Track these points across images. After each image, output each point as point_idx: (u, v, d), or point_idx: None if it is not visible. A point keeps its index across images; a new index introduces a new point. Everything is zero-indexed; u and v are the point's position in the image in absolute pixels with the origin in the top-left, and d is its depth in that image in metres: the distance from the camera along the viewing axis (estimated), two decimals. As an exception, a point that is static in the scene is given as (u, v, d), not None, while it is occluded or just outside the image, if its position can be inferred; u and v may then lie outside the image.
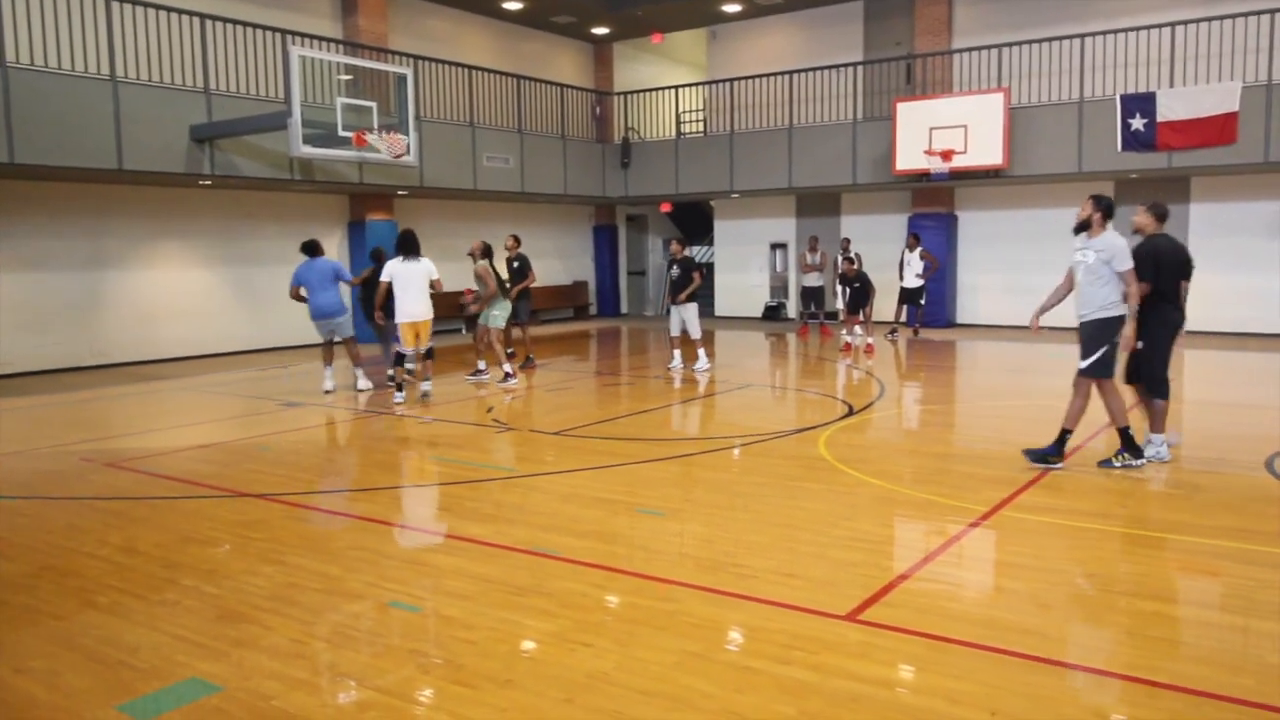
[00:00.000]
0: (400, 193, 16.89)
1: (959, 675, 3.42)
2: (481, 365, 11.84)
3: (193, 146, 12.67)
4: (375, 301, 10.59)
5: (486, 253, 11.42)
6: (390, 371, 10.80)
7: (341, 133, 12.63)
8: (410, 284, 9.95)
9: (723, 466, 7.05)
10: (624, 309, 23.12)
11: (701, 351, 12.24)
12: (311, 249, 10.83)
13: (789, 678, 3.41)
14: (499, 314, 11.43)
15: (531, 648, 3.76)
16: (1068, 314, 6.93)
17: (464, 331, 11.97)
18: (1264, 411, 9.15)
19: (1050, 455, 6.62)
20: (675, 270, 12.13)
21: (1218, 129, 13.87)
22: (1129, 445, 6.58)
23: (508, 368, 11.38)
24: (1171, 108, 14.22)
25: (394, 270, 9.97)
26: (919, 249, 15.97)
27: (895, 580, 4.44)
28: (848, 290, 14.73)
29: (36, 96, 11.07)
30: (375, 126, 13.04)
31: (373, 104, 13.25)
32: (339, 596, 4.36)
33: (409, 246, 10.02)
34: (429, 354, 10.44)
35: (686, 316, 11.98)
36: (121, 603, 4.33)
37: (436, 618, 4.13)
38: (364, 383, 11.07)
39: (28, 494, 6.48)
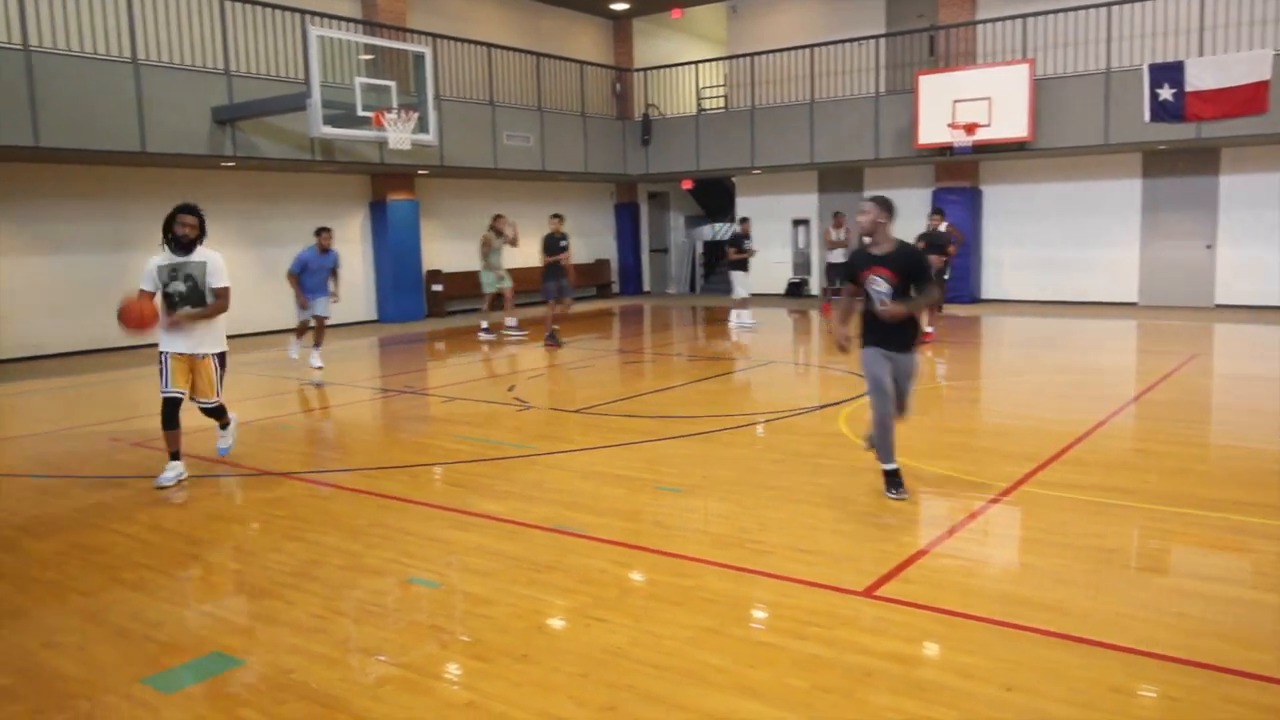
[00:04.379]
0: (421, 172, 16.92)
1: (974, 651, 3.41)
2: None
3: (214, 128, 12.75)
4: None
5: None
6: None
7: (361, 113, 12.65)
8: None
9: (743, 443, 7.04)
10: (646, 287, 23.09)
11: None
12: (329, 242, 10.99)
13: (803, 652, 3.42)
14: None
15: (550, 623, 3.80)
16: (1083, 289, 6.85)
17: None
18: (1293, 386, 9.01)
19: None
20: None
21: (1248, 98, 13.59)
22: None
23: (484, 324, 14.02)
24: (1200, 77, 13.94)
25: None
26: (944, 224, 15.80)
27: (913, 556, 4.43)
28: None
29: (59, 79, 11.17)
30: (395, 106, 13.05)
31: (392, 83, 13.25)
32: (360, 573, 4.42)
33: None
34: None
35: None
36: (148, 579, 4.41)
37: (457, 594, 4.18)
38: (318, 360, 11.27)
39: (57, 473, 6.59)
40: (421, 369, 12.20)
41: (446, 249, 18.49)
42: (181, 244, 5.89)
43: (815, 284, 20.41)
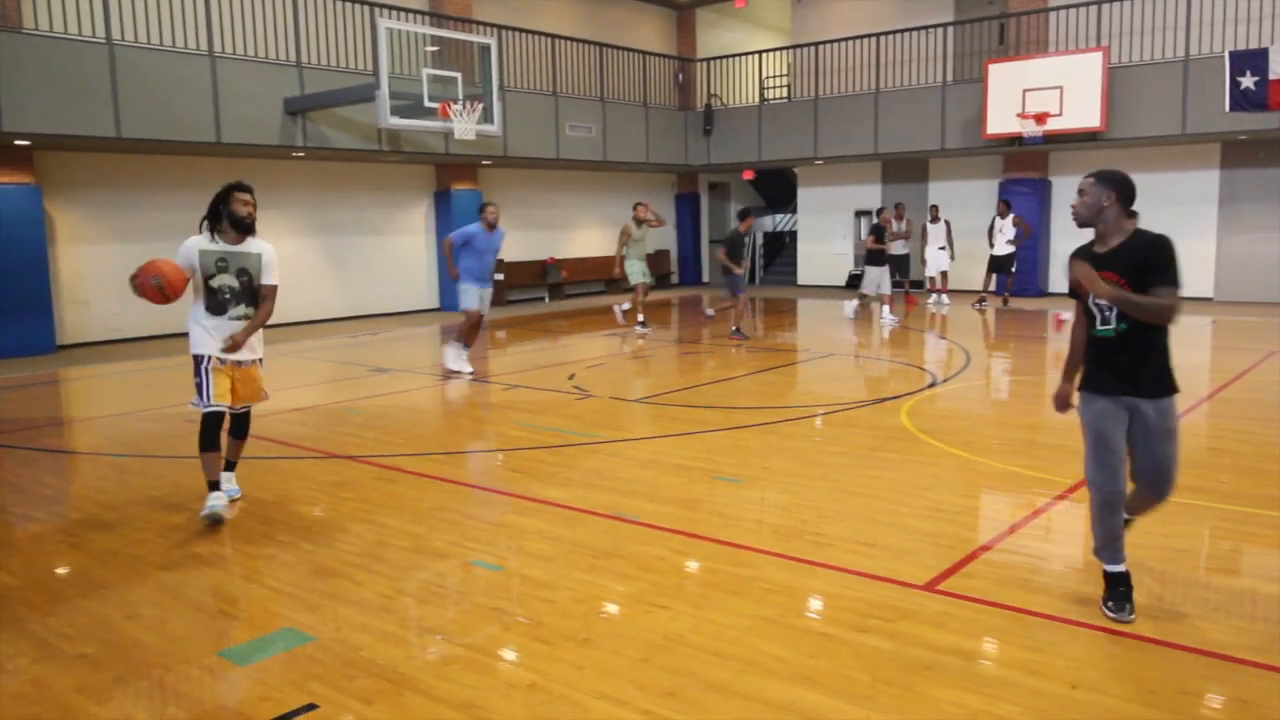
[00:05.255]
0: (484, 163, 17.09)
1: (1039, 648, 3.37)
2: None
3: (286, 119, 13.05)
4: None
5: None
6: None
7: (428, 104, 12.83)
8: None
9: (802, 435, 7.02)
10: (705, 278, 23.04)
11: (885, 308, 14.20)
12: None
13: (864, 645, 3.42)
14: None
15: (610, 609, 3.84)
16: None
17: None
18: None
19: None
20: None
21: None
22: None
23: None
24: (1286, 64, 13.42)
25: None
26: (1011, 215, 15.53)
27: (976, 551, 4.39)
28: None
29: (140, 72, 11.53)
30: (460, 97, 13.21)
31: (458, 74, 13.41)
32: (425, 555, 4.51)
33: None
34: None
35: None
36: (223, 556, 4.57)
37: (518, 577, 4.25)
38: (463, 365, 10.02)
39: (136, 452, 6.84)
40: (483, 356, 12.36)
41: (509, 238, 18.59)
42: (241, 226, 5.03)
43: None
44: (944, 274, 16.29)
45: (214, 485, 5.05)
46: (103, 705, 3.12)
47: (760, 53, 20.90)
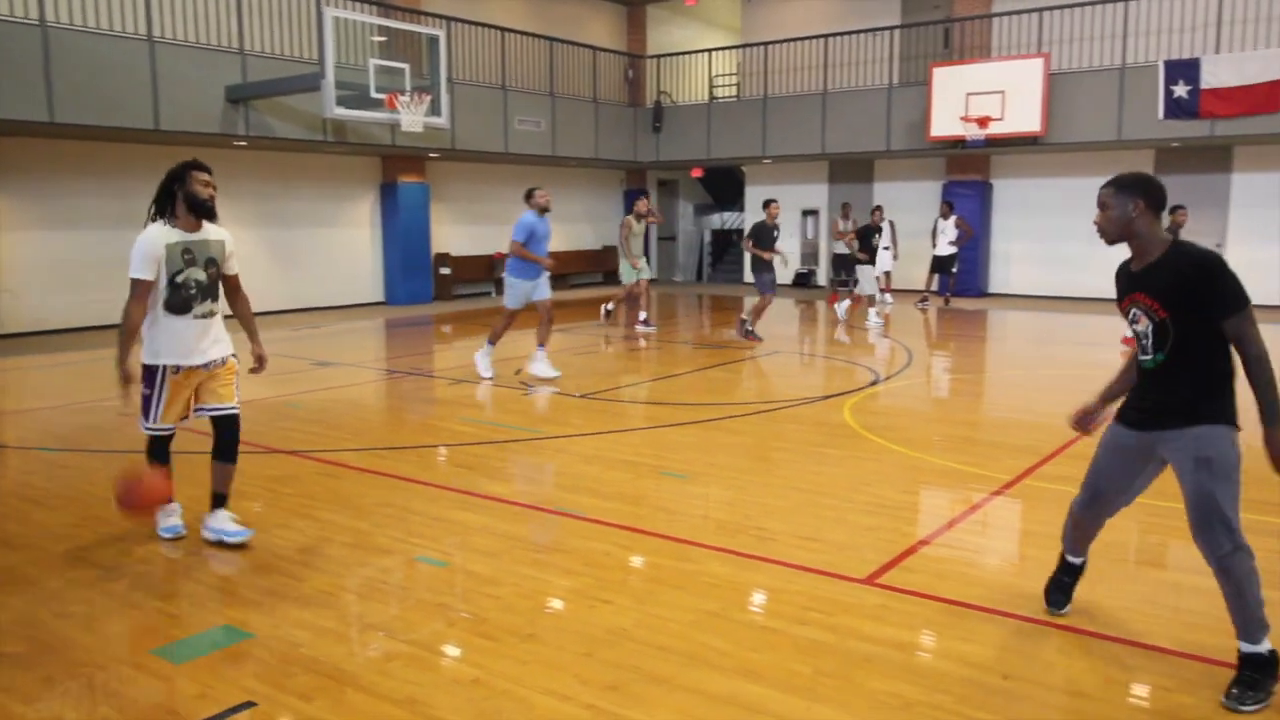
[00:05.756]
0: (432, 155, 16.93)
1: (973, 639, 3.46)
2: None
3: (228, 107, 12.78)
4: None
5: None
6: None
7: (374, 94, 12.67)
8: None
9: (747, 431, 7.08)
10: (654, 274, 23.07)
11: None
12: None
13: (805, 638, 3.47)
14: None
15: (554, 604, 3.85)
16: (1090, 284, 6.84)
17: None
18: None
19: None
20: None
21: (1264, 97, 13.52)
22: None
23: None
24: (1216, 74, 13.87)
25: None
26: (953, 217, 15.81)
27: (915, 546, 4.48)
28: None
29: (74, 55, 11.20)
30: (407, 88, 13.06)
31: (405, 65, 13.26)
32: (368, 551, 4.47)
33: None
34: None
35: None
36: (159, 552, 4.47)
37: (462, 573, 4.23)
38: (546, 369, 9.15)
39: (69, 446, 6.66)
40: (428, 351, 12.26)
41: (456, 232, 18.51)
42: (201, 210, 4.35)
43: (823, 275, 20.39)
44: (887, 274, 16.52)
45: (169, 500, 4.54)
46: (30, 706, 3.04)
47: (710, 51, 21.00)
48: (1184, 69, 14.14)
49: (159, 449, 4.57)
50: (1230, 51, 14.30)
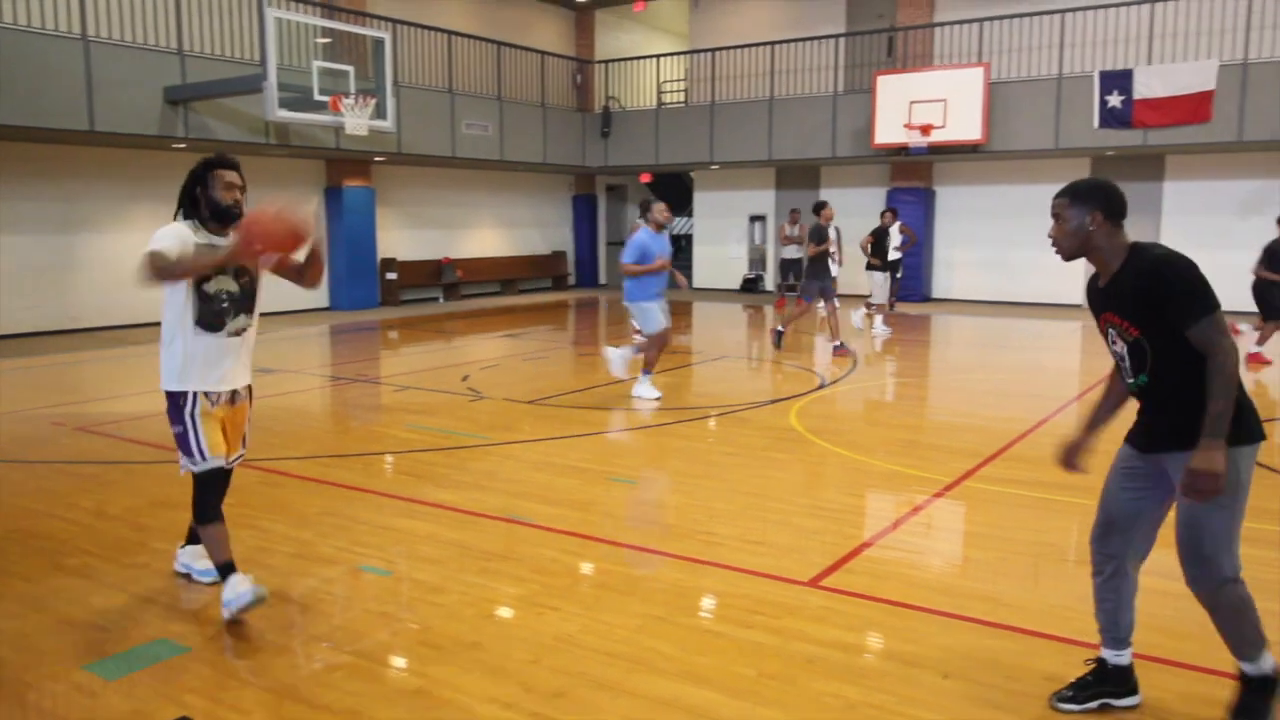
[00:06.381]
0: (377, 159, 16.75)
1: (914, 639, 3.51)
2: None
3: (166, 109, 12.51)
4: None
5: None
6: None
7: (318, 97, 12.51)
8: None
9: (695, 436, 7.11)
10: (603, 280, 23.10)
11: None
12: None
13: (749, 641, 3.49)
14: None
15: (500, 611, 3.82)
16: (1031, 290, 6.98)
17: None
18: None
19: None
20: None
21: (1193, 107, 13.95)
22: None
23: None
24: (1148, 85, 14.28)
25: None
26: (897, 223, 16.04)
27: (858, 548, 4.53)
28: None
29: (6, 54, 10.88)
30: (352, 91, 12.91)
31: (350, 68, 13.11)
32: (311, 561, 4.40)
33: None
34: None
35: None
36: (91, 565, 4.35)
37: (407, 582, 4.19)
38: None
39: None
40: (374, 357, 12.12)
41: (402, 237, 18.33)
42: (228, 218, 3.71)
43: (770, 280, 20.57)
44: (833, 279, 16.69)
45: (229, 567, 3.69)
46: (-45, 725, 2.95)
47: (658, 56, 21.09)
48: (1118, 80, 14.54)
49: (211, 489, 3.76)
50: (1162, 63, 14.74)
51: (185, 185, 3.76)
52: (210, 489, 3.76)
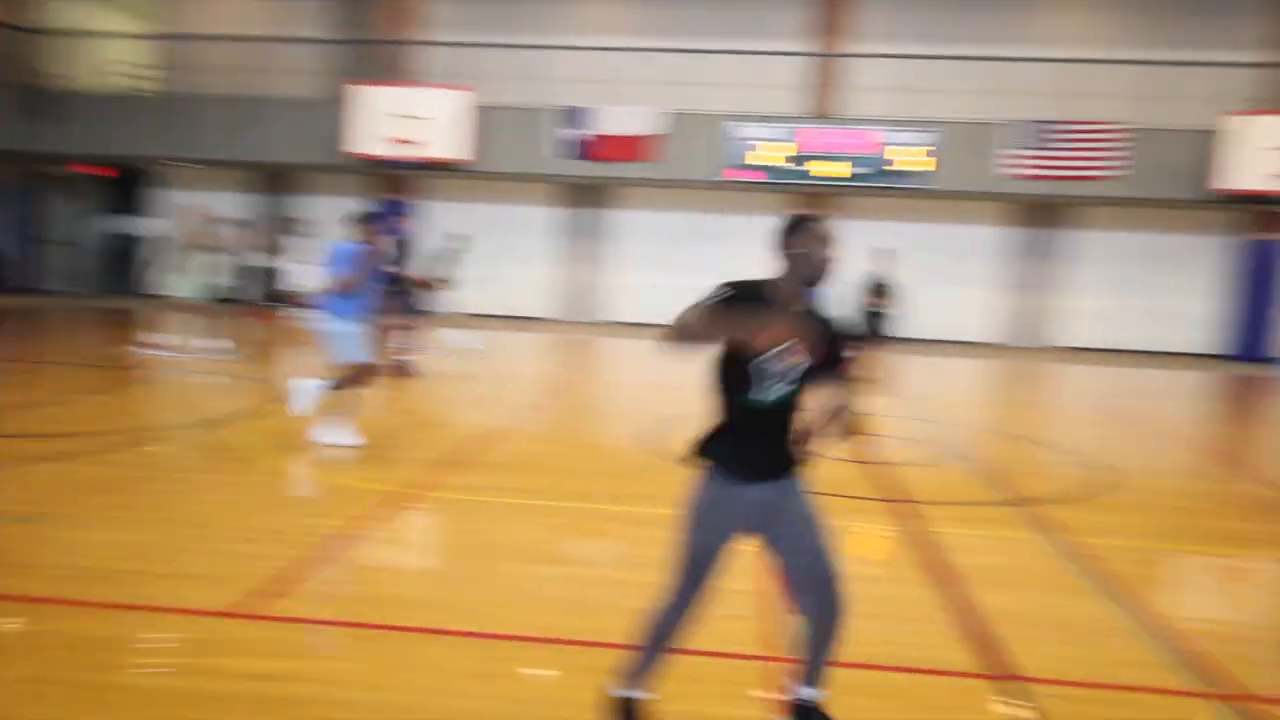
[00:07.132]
0: None
1: (346, 657, 3.42)
2: None
3: None
4: None
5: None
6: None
7: None
8: None
9: (113, 462, 6.15)
10: (51, 285, 19.64)
11: None
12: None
13: (156, 688, 3.10)
14: None
15: None
16: (507, 303, 7.30)
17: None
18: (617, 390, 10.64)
19: None
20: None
21: (634, 146, 16.03)
22: None
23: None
24: (602, 124, 16.09)
25: None
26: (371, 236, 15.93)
27: (297, 570, 4.27)
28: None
29: None
30: None
31: None
32: None
33: None
34: None
35: None
36: None
37: None
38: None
39: None
40: None
41: None
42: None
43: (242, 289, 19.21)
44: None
45: None
46: None
47: (113, 35, 18.61)
48: (578, 116, 16.13)
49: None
50: (616, 106, 16.56)
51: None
52: None
